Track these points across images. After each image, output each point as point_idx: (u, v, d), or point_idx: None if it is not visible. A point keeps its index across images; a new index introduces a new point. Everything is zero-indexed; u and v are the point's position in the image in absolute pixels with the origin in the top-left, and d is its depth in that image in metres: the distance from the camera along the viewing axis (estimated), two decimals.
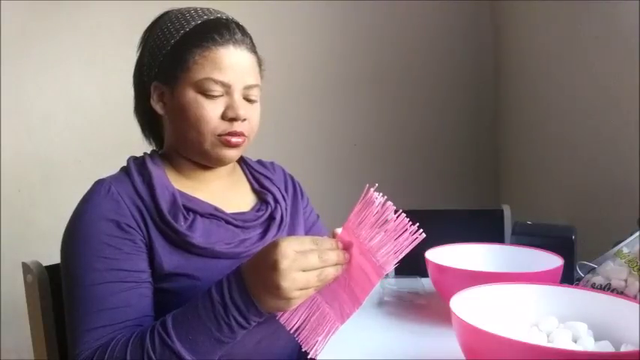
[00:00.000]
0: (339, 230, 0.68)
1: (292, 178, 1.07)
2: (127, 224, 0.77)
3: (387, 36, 2.15)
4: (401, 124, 2.18)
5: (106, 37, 2.04)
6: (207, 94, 0.81)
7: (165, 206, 0.79)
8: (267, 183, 0.97)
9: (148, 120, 0.93)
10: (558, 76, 1.63)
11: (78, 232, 0.77)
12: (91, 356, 0.70)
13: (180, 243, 0.78)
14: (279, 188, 0.97)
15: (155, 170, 0.84)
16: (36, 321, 0.90)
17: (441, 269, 0.95)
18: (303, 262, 0.62)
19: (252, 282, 0.64)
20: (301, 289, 0.62)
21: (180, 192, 0.83)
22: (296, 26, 2.13)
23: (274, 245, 0.63)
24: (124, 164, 0.90)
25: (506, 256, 1.06)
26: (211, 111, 0.81)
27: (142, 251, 0.77)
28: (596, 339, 0.68)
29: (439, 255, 1.03)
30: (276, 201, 0.94)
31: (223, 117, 0.82)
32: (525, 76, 1.89)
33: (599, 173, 1.40)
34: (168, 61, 0.83)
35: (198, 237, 0.79)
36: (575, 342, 0.68)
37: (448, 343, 0.75)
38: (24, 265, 0.92)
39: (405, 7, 2.13)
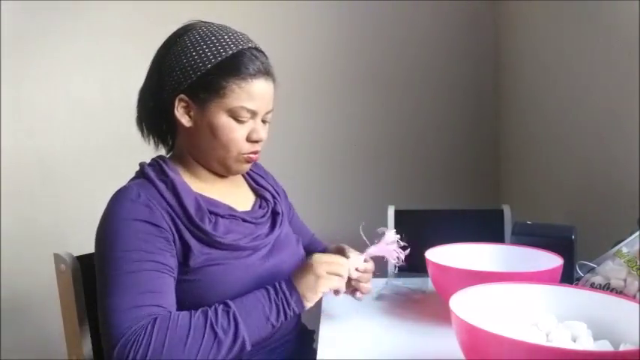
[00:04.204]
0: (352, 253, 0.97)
1: (275, 182, 1.17)
2: (159, 225, 0.84)
3: (387, 36, 2.15)
4: (401, 124, 2.18)
5: (105, 37, 2.04)
6: (238, 120, 0.90)
7: (192, 211, 0.87)
8: (262, 182, 1.07)
9: (156, 123, 0.97)
10: (558, 76, 1.63)
11: (115, 229, 0.82)
12: (147, 325, 0.74)
13: (208, 241, 0.87)
14: (272, 186, 1.09)
15: (175, 177, 0.90)
16: (69, 307, 0.97)
17: (441, 269, 0.95)
18: (332, 263, 0.86)
19: (295, 275, 0.84)
20: (327, 272, 0.84)
21: (200, 195, 0.91)
22: (295, 26, 2.14)
23: (310, 258, 0.87)
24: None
25: (506, 256, 1.06)
26: (240, 134, 0.91)
27: (172, 249, 0.84)
28: (595, 338, 0.69)
29: (439, 255, 1.03)
30: (273, 197, 1.05)
31: (248, 139, 0.92)
32: (525, 76, 1.89)
33: (599, 173, 1.40)
34: (203, 83, 0.88)
35: (223, 235, 0.88)
36: (575, 341, 0.68)
37: (448, 342, 0.76)
38: (56, 255, 0.97)
39: (405, 7, 2.12)
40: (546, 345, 0.65)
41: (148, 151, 1.00)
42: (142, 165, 0.95)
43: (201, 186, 0.95)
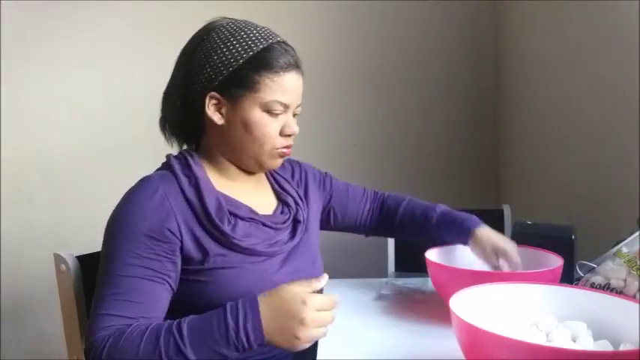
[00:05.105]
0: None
1: (306, 174, 1.12)
2: (167, 228, 0.82)
3: (387, 36, 2.15)
4: (401, 124, 2.18)
5: (105, 37, 2.04)
6: (271, 113, 0.89)
7: (212, 210, 0.85)
8: (286, 186, 1.03)
9: (183, 123, 0.94)
10: (558, 75, 1.63)
11: (120, 225, 0.82)
12: (107, 337, 0.74)
13: (225, 242, 0.85)
14: (296, 191, 1.04)
15: (199, 173, 0.89)
16: (69, 307, 0.97)
17: (441, 269, 0.95)
18: (322, 321, 0.72)
19: (271, 325, 0.71)
20: (316, 321, 0.71)
21: (222, 194, 0.89)
22: (295, 26, 2.13)
23: (302, 301, 0.71)
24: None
25: None
26: (274, 129, 0.90)
27: (174, 255, 0.82)
28: (595, 338, 0.69)
29: (439, 255, 1.03)
30: (296, 203, 1.01)
31: (281, 133, 0.91)
32: (525, 75, 1.89)
33: (599, 173, 1.40)
34: (235, 79, 0.87)
35: (240, 238, 0.86)
36: (575, 341, 0.68)
37: (448, 342, 0.76)
38: (56, 255, 0.97)
39: (405, 7, 2.13)
40: (546, 345, 0.65)
41: (147, 150, 1.00)
42: (168, 157, 0.93)
43: (225, 184, 0.92)
